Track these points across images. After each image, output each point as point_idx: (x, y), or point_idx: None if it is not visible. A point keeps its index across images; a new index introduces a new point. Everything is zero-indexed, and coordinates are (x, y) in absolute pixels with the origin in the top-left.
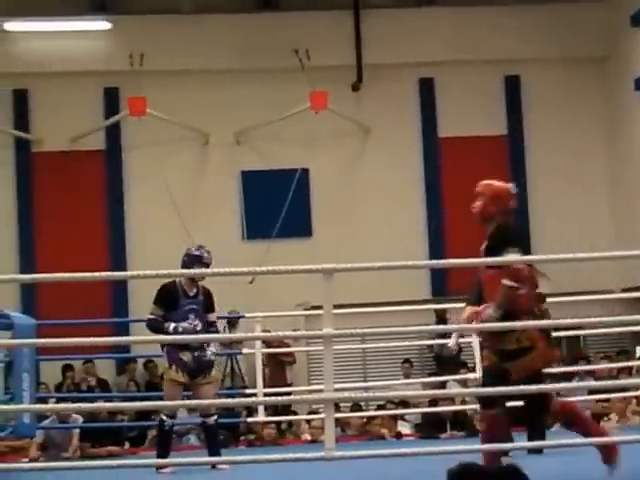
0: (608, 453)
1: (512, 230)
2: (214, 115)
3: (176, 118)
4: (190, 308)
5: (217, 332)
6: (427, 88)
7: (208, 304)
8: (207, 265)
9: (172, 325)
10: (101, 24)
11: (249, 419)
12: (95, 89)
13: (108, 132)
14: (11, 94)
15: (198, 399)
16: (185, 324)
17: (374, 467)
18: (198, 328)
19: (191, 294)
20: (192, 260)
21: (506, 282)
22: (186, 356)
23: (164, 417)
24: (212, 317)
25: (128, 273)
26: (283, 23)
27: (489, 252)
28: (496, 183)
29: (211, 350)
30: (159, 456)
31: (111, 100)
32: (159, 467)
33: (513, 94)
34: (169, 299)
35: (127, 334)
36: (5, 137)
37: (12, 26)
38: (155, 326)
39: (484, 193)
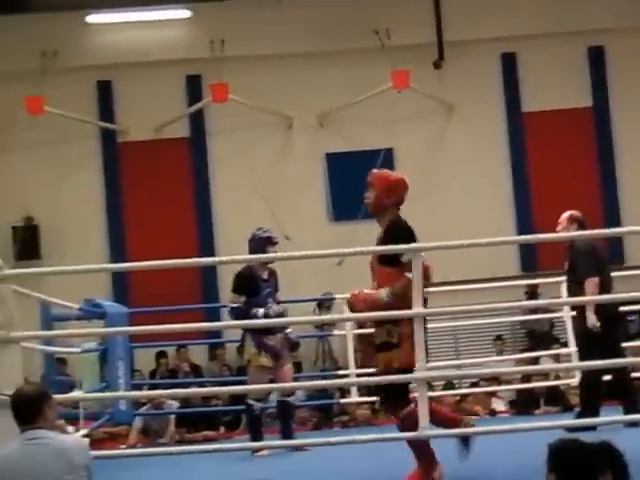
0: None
1: (406, 227)
2: (296, 99)
3: (259, 103)
4: (268, 292)
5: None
6: (509, 63)
7: (276, 285)
8: (276, 244)
9: (261, 310)
10: (181, 12)
11: (342, 400)
12: (177, 77)
13: (192, 119)
14: (95, 86)
15: (281, 379)
16: (274, 308)
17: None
18: (279, 311)
19: (265, 277)
20: (263, 243)
21: (409, 276)
22: (272, 340)
23: (251, 402)
24: (278, 297)
25: (217, 259)
26: (363, 4)
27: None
28: (389, 174)
29: (292, 332)
30: (253, 440)
31: (193, 88)
32: (254, 450)
33: (597, 65)
34: (249, 285)
35: (218, 319)
36: (91, 128)
37: (94, 18)
38: (240, 314)
39: (376, 185)
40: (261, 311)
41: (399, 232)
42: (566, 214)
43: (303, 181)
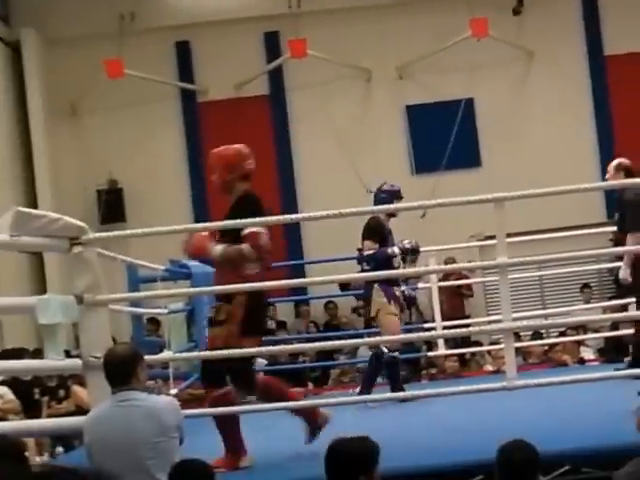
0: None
1: (254, 201)
2: (375, 51)
3: (337, 57)
4: (393, 243)
5: None
6: (591, 5)
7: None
8: (402, 199)
9: (395, 248)
10: None
11: (430, 353)
12: (255, 35)
13: (271, 76)
14: (174, 46)
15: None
16: (405, 241)
17: (558, 394)
18: (398, 263)
19: (389, 228)
20: (392, 195)
21: (246, 248)
22: (397, 291)
23: (386, 349)
24: None
25: (300, 215)
26: None
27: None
28: (225, 150)
29: (407, 287)
30: (366, 387)
31: (272, 44)
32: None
33: None
34: (381, 234)
35: (303, 276)
36: (171, 89)
37: None
38: (380, 257)
39: (216, 164)
40: (395, 249)
41: (245, 206)
42: (615, 162)
43: (384, 134)
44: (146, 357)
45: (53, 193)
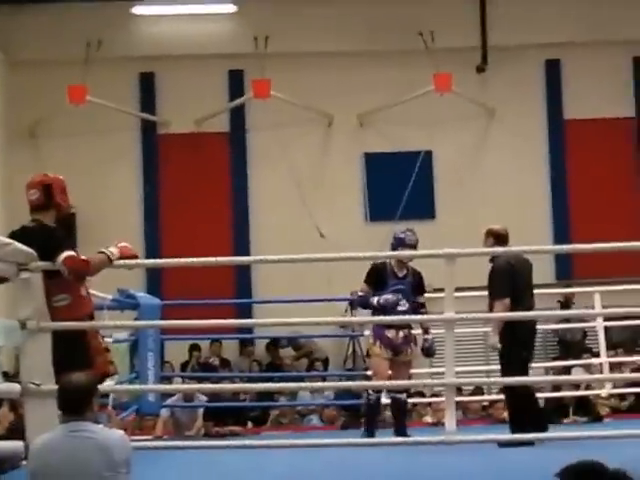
0: None
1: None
2: (338, 97)
3: (300, 100)
4: (397, 288)
5: (427, 314)
6: (553, 70)
7: (418, 286)
8: (411, 247)
9: (375, 298)
10: (226, 7)
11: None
12: (220, 72)
13: (233, 114)
14: (138, 77)
15: (398, 377)
16: (388, 295)
17: (496, 452)
18: (404, 308)
19: (400, 275)
20: (397, 243)
21: (57, 298)
22: (390, 333)
23: (370, 392)
24: (421, 299)
25: (251, 258)
26: (407, 5)
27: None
28: None
29: (429, 339)
30: (367, 431)
31: (236, 83)
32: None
33: None
34: (378, 278)
35: (249, 315)
36: (132, 119)
37: (140, 10)
38: (361, 302)
39: None
40: (375, 298)
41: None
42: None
43: (341, 180)
44: None
45: (5, 215)
